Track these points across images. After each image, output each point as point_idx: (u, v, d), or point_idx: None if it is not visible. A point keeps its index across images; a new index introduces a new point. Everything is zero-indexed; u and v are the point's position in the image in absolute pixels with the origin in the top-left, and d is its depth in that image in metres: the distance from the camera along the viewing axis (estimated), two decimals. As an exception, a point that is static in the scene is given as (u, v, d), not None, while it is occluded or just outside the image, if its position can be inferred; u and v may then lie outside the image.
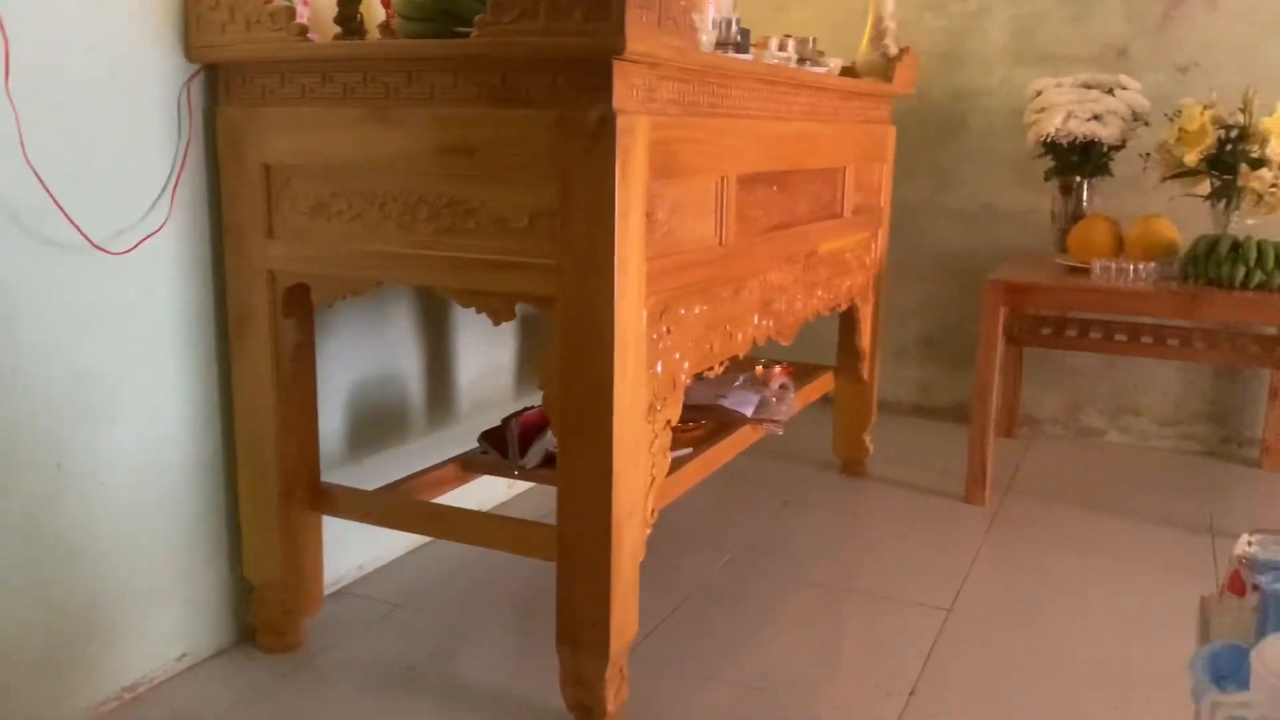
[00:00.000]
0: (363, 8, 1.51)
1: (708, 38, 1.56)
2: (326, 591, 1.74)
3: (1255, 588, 0.78)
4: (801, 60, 1.93)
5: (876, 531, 2.26)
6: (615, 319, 1.26)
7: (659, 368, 1.40)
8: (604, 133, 1.23)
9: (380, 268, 1.41)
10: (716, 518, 2.27)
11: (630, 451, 1.34)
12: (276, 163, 1.45)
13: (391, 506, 1.63)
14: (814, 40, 2.00)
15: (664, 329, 1.41)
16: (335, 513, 1.62)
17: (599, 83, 1.23)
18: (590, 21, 1.19)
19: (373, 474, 1.84)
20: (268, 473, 1.55)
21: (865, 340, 2.44)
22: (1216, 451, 2.79)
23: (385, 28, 1.53)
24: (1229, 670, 0.75)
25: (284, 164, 1.45)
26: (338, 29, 1.46)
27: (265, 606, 1.61)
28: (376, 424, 1.92)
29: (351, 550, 1.88)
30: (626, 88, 1.25)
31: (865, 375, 2.48)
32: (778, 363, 2.36)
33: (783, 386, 2.15)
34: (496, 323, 1.34)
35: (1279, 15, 2.58)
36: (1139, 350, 2.53)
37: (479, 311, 1.34)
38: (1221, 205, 2.30)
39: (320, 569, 1.65)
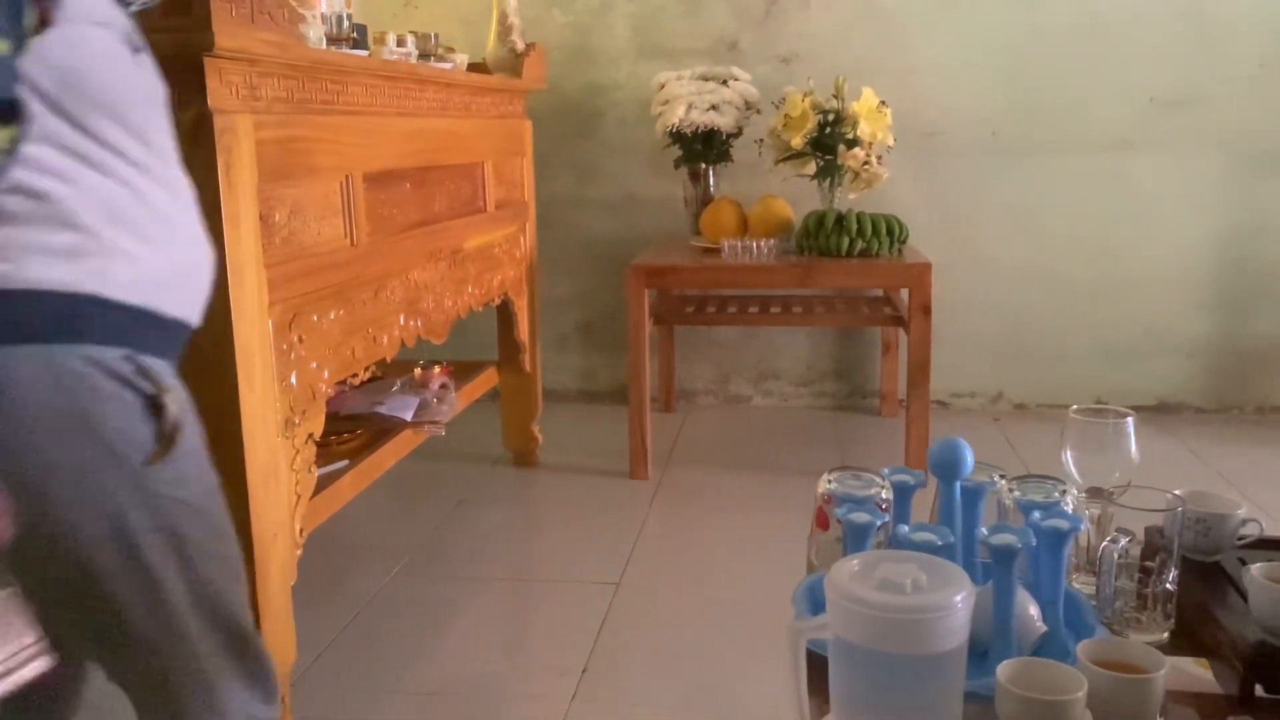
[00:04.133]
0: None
1: (317, 33, 1.50)
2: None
3: (838, 520, 0.88)
4: (424, 56, 1.91)
5: (549, 518, 2.30)
6: (234, 332, 1.19)
7: (293, 379, 1.34)
8: (201, 135, 1.15)
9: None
10: (388, 526, 2.22)
11: (267, 471, 1.27)
12: None
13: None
14: (436, 36, 1.99)
15: (295, 338, 1.35)
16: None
17: (191, 81, 1.15)
18: (171, 16, 1.10)
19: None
20: None
21: (523, 332, 2.47)
22: (845, 404, 3.09)
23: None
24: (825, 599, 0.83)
25: None
26: None
27: None
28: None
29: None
30: (223, 86, 1.18)
31: (528, 366, 2.52)
32: (437, 363, 2.34)
33: (443, 386, 2.14)
34: (99, 348, 1.21)
35: (859, 10, 2.89)
36: (770, 320, 2.75)
37: (76, 337, 1.21)
38: (826, 183, 2.54)
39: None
